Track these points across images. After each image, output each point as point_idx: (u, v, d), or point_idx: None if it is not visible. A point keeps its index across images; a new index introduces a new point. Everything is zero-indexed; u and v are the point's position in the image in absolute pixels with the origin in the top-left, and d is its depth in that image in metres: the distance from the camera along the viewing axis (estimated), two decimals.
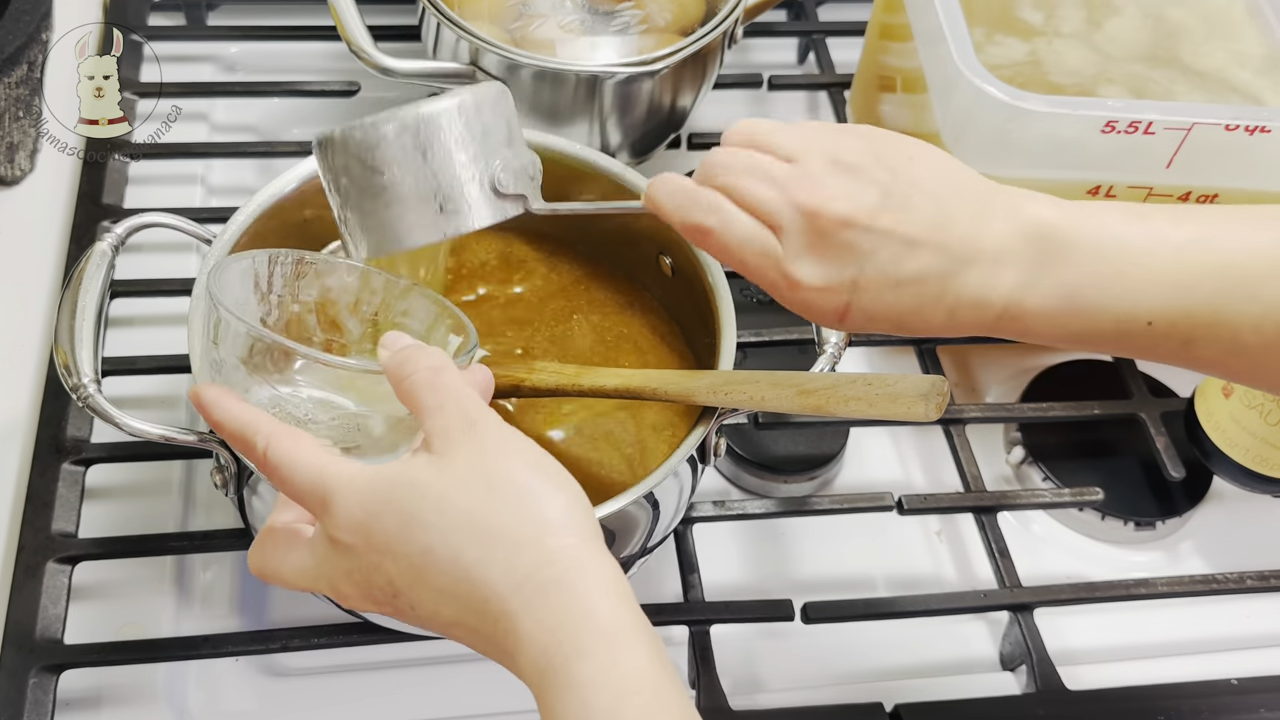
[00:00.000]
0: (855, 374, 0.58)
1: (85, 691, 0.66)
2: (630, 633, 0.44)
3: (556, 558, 0.44)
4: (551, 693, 0.43)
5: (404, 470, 0.46)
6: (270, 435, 0.48)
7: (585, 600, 0.43)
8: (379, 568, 0.46)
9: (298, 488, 0.47)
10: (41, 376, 0.75)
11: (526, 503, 0.45)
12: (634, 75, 0.82)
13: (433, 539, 0.44)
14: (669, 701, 0.43)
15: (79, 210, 0.83)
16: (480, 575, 0.44)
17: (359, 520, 0.46)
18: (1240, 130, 0.70)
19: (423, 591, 0.45)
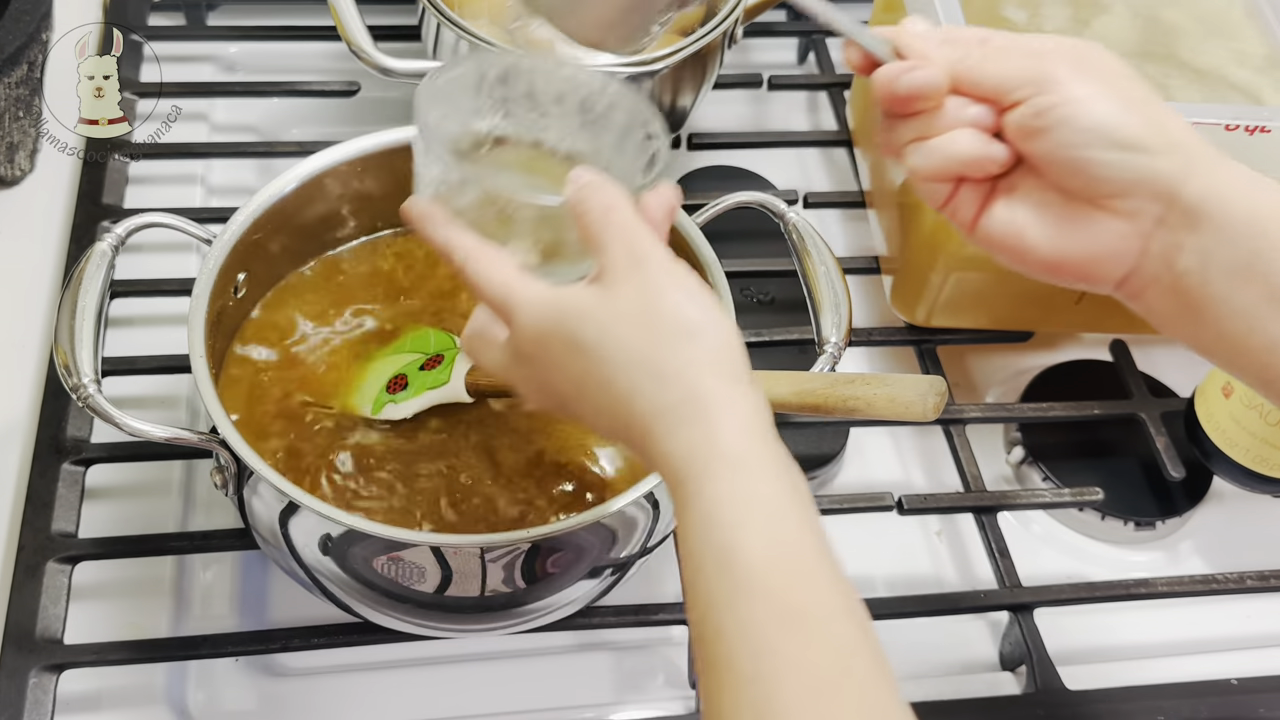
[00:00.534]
0: (854, 374, 0.58)
1: (85, 691, 0.66)
2: (759, 464, 0.47)
3: (697, 394, 0.47)
4: (681, 506, 0.47)
5: (574, 298, 0.50)
6: (468, 252, 0.53)
7: (718, 434, 0.47)
8: (548, 381, 0.51)
9: (488, 300, 0.52)
10: (41, 376, 0.75)
11: (676, 339, 0.48)
12: (634, 75, 0.82)
13: (590, 365, 0.49)
14: (791, 520, 0.46)
15: (79, 210, 0.83)
16: (627, 401, 0.48)
17: (533, 337, 0.51)
18: (1240, 130, 0.70)
19: (583, 406, 0.51)
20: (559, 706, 0.69)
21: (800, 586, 0.45)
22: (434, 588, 0.60)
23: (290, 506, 0.58)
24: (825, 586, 0.45)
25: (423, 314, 0.72)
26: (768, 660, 0.43)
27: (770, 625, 0.44)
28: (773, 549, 0.45)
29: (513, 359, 0.53)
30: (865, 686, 0.44)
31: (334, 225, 0.73)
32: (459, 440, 0.67)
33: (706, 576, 0.45)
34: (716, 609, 0.45)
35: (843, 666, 0.44)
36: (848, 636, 0.44)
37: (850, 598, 0.45)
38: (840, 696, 0.43)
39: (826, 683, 0.43)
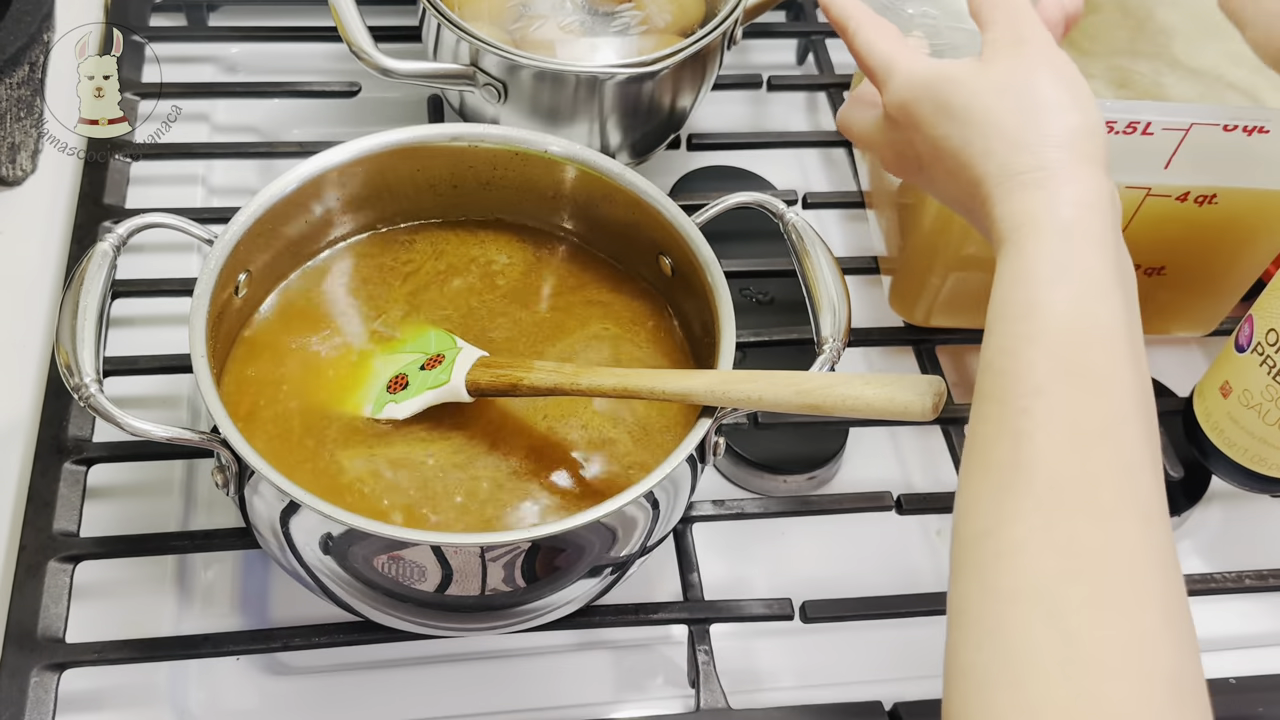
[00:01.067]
0: (853, 374, 0.58)
1: (87, 690, 0.66)
2: (1089, 238, 0.48)
3: (1046, 165, 0.50)
4: (1004, 260, 0.49)
5: (950, 68, 0.54)
6: (860, 22, 0.58)
7: (1056, 202, 0.49)
8: (911, 143, 0.56)
9: (870, 66, 0.57)
10: (43, 376, 0.75)
11: (1039, 113, 0.51)
12: (634, 76, 0.82)
13: (952, 128, 0.53)
14: (1105, 295, 0.47)
15: (80, 211, 0.83)
16: (978, 163, 0.51)
17: (904, 100, 0.55)
18: (1239, 131, 0.71)
19: (937, 169, 0.55)
20: (559, 706, 0.69)
21: (1093, 351, 0.46)
22: (434, 587, 0.60)
23: (291, 506, 0.58)
24: (1119, 359, 0.46)
25: (423, 313, 0.72)
26: (1040, 402, 0.45)
27: (1052, 374, 0.45)
28: (1077, 312, 0.47)
29: (881, 123, 0.58)
30: (1123, 452, 0.45)
31: (335, 225, 0.73)
32: (459, 440, 0.67)
33: (1006, 322, 0.48)
34: (1005, 352, 0.47)
35: (1109, 428, 0.45)
36: (1124, 407, 0.45)
37: (1140, 376, 0.47)
38: (1096, 453, 0.44)
39: (1088, 436, 0.44)
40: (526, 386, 0.64)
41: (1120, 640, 0.42)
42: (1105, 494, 0.44)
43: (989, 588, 0.44)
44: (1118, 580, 0.43)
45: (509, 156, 0.73)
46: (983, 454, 0.46)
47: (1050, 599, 0.42)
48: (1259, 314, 0.70)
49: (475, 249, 0.76)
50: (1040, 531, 0.43)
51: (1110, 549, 0.43)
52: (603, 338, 0.72)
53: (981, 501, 0.45)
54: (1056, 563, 0.43)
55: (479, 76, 0.82)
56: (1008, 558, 0.44)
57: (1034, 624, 0.42)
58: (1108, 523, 0.43)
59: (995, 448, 0.46)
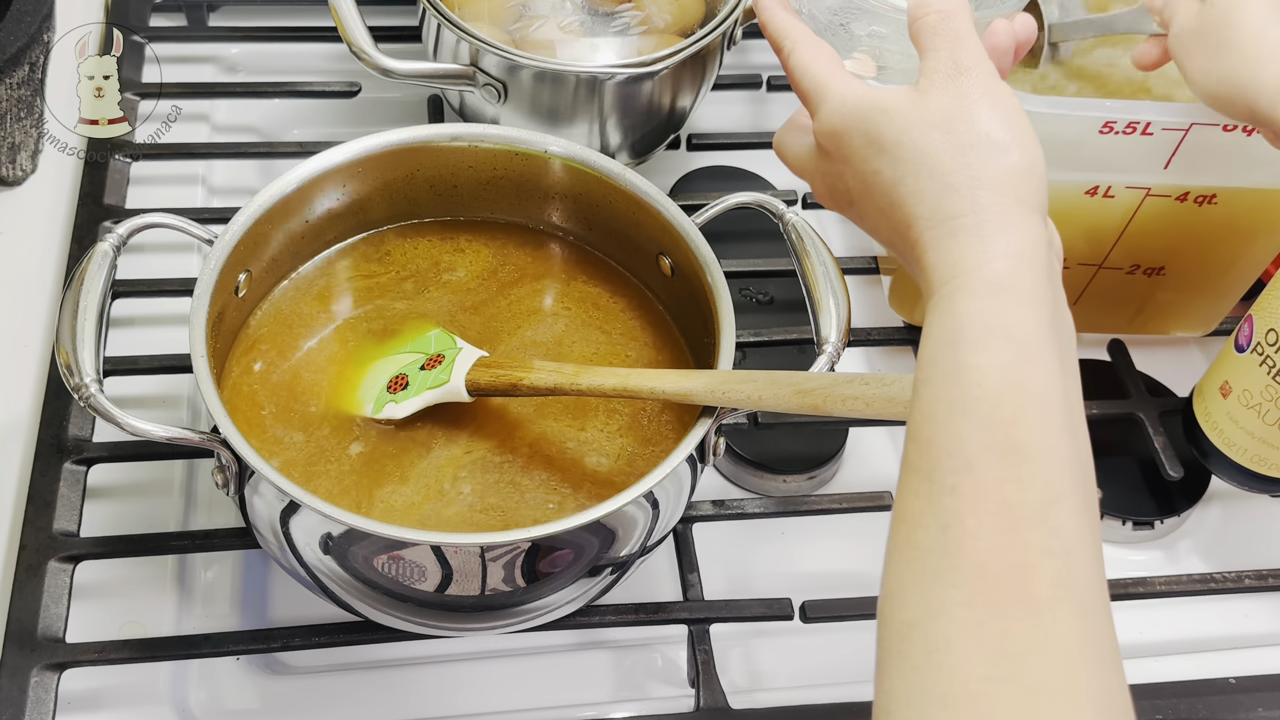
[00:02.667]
0: (853, 374, 0.58)
1: (87, 690, 0.66)
2: (1023, 294, 0.45)
3: (979, 209, 0.47)
4: (934, 315, 0.46)
5: (884, 97, 0.51)
6: (796, 42, 0.55)
7: (988, 253, 0.46)
8: (841, 176, 0.53)
9: (803, 89, 0.54)
10: (43, 376, 0.75)
11: (974, 152, 0.48)
12: (634, 76, 0.82)
13: (883, 164, 0.50)
14: (1039, 357, 0.44)
15: (81, 211, 0.83)
16: (909, 204, 0.49)
17: (834, 129, 0.52)
18: (1238, 131, 0.71)
19: (867, 205, 0.52)
20: (559, 705, 0.69)
21: (1025, 422, 0.43)
22: (434, 587, 0.60)
23: (291, 505, 0.58)
24: (1054, 430, 0.43)
25: (423, 314, 0.72)
26: (968, 480, 0.42)
27: (981, 449, 0.43)
28: (1008, 380, 0.44)
29: (812, 152, 0.55)
30: (1059, 535, 0.42)
31: (335, 225, 0.73)
32: (459, 440, 0.67)
33: (933, 387, 0.45)
34: (933, 420, 0.44)
35: (1042, 508, 0.42)
36: (1059, 484, 0.43)
37: (1078, 446, 0.44)
38: (1029, 536, 0.41)
39: (1019, 518, 0.42)
40: (526, 386, 0.64)
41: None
42: (1039, 584, 0.41)
43: (917, 689, 0.41)
44: (1051, 681, 0.40)
45: (509, 156, 0.73)
46: (909, 534, 0.44)
47: (980, 705, 0.40)
48: (1259, 314, 0.70)
49: (475, 249, 0.76)
50: (970, 629, 0.41)
51: (1044, 646, 0.40)
52: (602, 338, 0.72)
53: (908, 589, 0.43)
54: (986, 665, 0.40)
55: (479, 76, 0.82)
56: (936, 655, 0.41)
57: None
58: (1041, 616, 0.41)
59: (921, 528, 0.43)
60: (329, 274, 0.73)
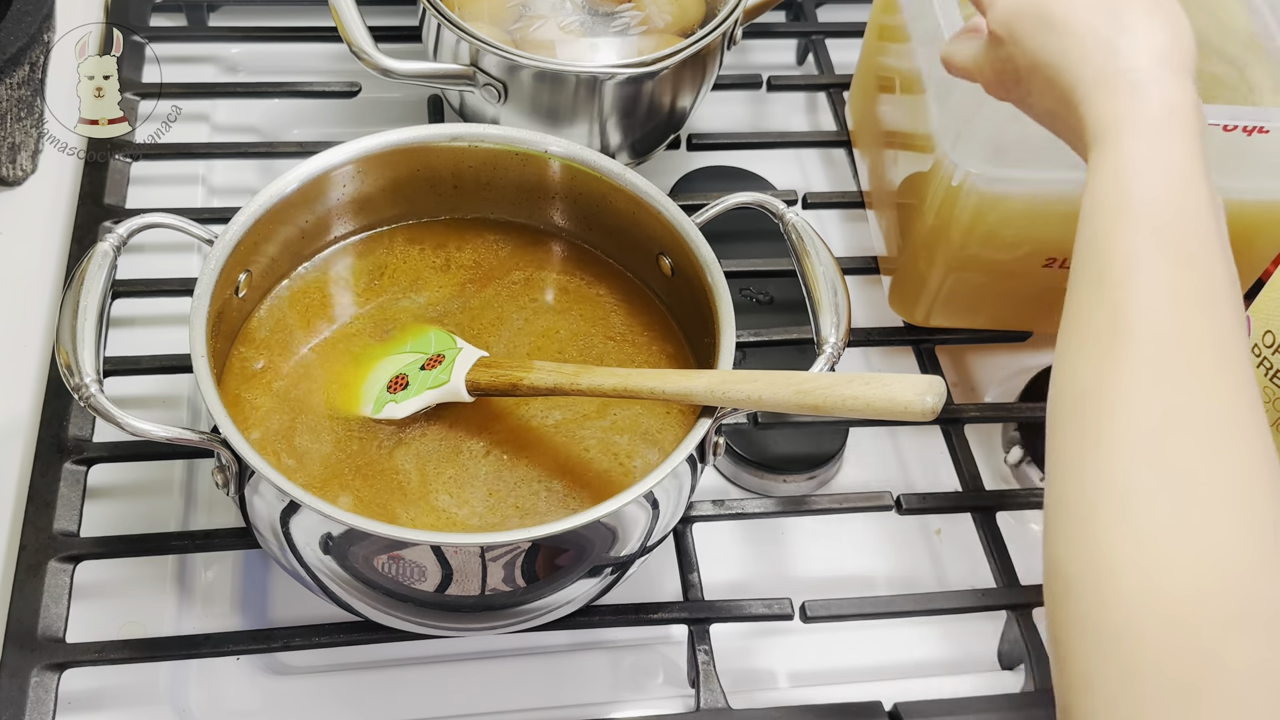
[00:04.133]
0: (853, 374, 0.58)
1: (87, 690, 0.66)
2: (1175, 132, 0.51)
3: (1138, 68, 0.52)
4: (1098, 158, 0.52)
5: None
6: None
7: (1145, 103, 0.52)
8: (1011, 58, 0.58)
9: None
10: (43, 376, 0.75)
11: (1134, 24, 0.54)
12: (634, 76, 0.82)
13: (1051, 38, 0.56)
14: (1197, 187, 0.50)
15: (81, 211, 0.83)
16: (1075, 69, 0.54)
17: (1008, 17, 0.58)
18: (1238, 131, 0.71)
19: (1035, 80, 0.57)
20: (559, 705, 0.69)
21: (1188, 233, 0.48)
22: (434, 587, 0.60)
23: (291, 505, 0.58)
24: (1212, 244, 0.48)
25: (424, 314, 0.72)
26: (1139, 274, 0.47)
27: (1149, 249, 0.48)
28: (1171, 199, 0.49)
29: (985, 45, 0.61)
30: (1221, 323, 0.47)
31: (335, 225, 0.73)
32: (459, 439, 0.67)
33: (1100, 212, 0.50)
34: (1100, 236, 0.50)
35: (1206, 299, 0.47)
36: (1220, 283, 0.48)
37: (1229, 267, 0.49)
38: (1194, 319, 0.47)
39: (1186, 303, 0.47)
40: (526, 386, 0.65)
41: (1226, 486, 0.44)
42: (1205, 357, 0.46)
43: (1090, 438, 0.46)
44: (1222, 432, 0.45)
45: (509, 156, 0.73)
46: (1081, 326, 0.49)
47: (1156, 446, 0.44)
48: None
49: (475, 249, 0.76)
50: (1145, 386, 0.45)
51: (1213, 404, 0.45)
52: (602, 337, 0.72)
53: (1081, 368, 0.48)
54: (1161, 413, 0.45)
55: (479, 76, 0.82)
56: (1110, 411, 0.46)
57: (1138, 467, 0.44)
58: (1209, 381, 0.45)
59: (1094, 318, 0.48)
60: (329, 274, 0.73)
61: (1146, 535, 0.43)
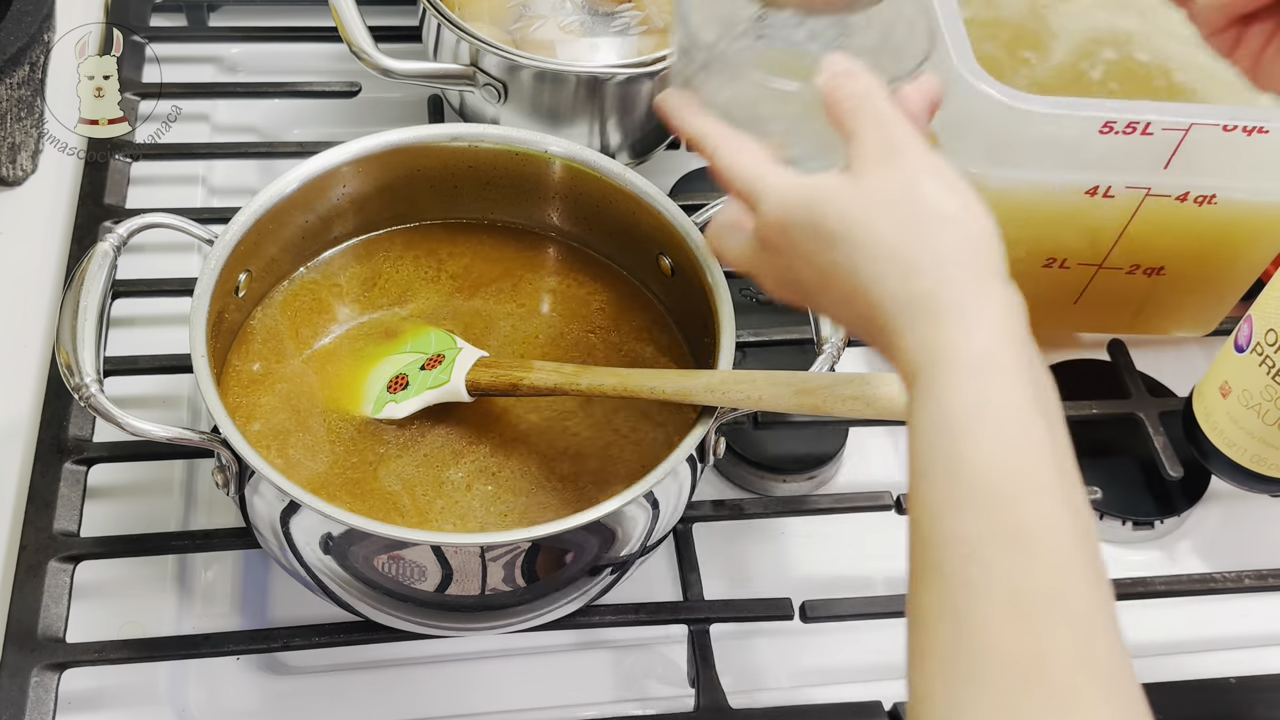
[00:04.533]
0: (853, 374, 0.58)
1: (87, 690, 0.66)
2: (1004, 369, 0.45)
3: (947, 286, 0.46)
4: (915, 404, 0.46)
5: (823, 185, 0.49)
6: (719, 141, 0.53)
7: (963, 333, 0.45)
8: (792, 268, 0.51)
9: (737, 188, 0.52)
10: (44, 376, 0.75)
11: (929, 228, 0.47)
12: (634, 76, 0.82)
13: (837, 254, 0.48)
14: (1029, 431, 0.44)
15: (81, 211, 0.83)
16: (873, 291, 0.47)
17: (779, 224, 0.50)
18: (1238, 131, 0.71)
19: (827, 295, 0.50)
20: (559, 705, 0.69)
21: (1025, 502, 0.43)
22: (434, 586, 0.60)
23: (291, 505, 0.58)
24: (1053, 505, 0.43)
25: (424, 314, 0.72)
26: (977, 571, 0.42)
27: (986, 538, 0.42)
28: (1003, 460, 0.43)
29: (757, 248, 0.53)
30: (1073, 616, 0.41)
31: (335, 225, 0.73)
32: (459, 439, 0.67)
33: (930, 481, 0.44)
34: (934, 514, 0.43)
35: (1053, 590, 0.41)
36: (1067, 560, 0.42)
37: (1080, 518, 0.43)
38: (1044, 620, 0.41)
39: (1032, 605, 0.41)
40: (526, 386, 0.65)
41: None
42: (1061, 670, 0.40)
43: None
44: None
45: (509, 156, 0.73)
46: (928, 638, 0.43)
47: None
48: (1258, 314, 0.70)
49: (475, 249, 0.76)
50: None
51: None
52: (602, 337, 0.72)
53: (935, 692, 0.42)
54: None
55: (479, 76, 0.82)
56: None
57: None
58: (1068, 702, 0.40)
59: (938, 630, 0.42)
60: (329, 274, 0.73)
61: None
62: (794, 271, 0.51)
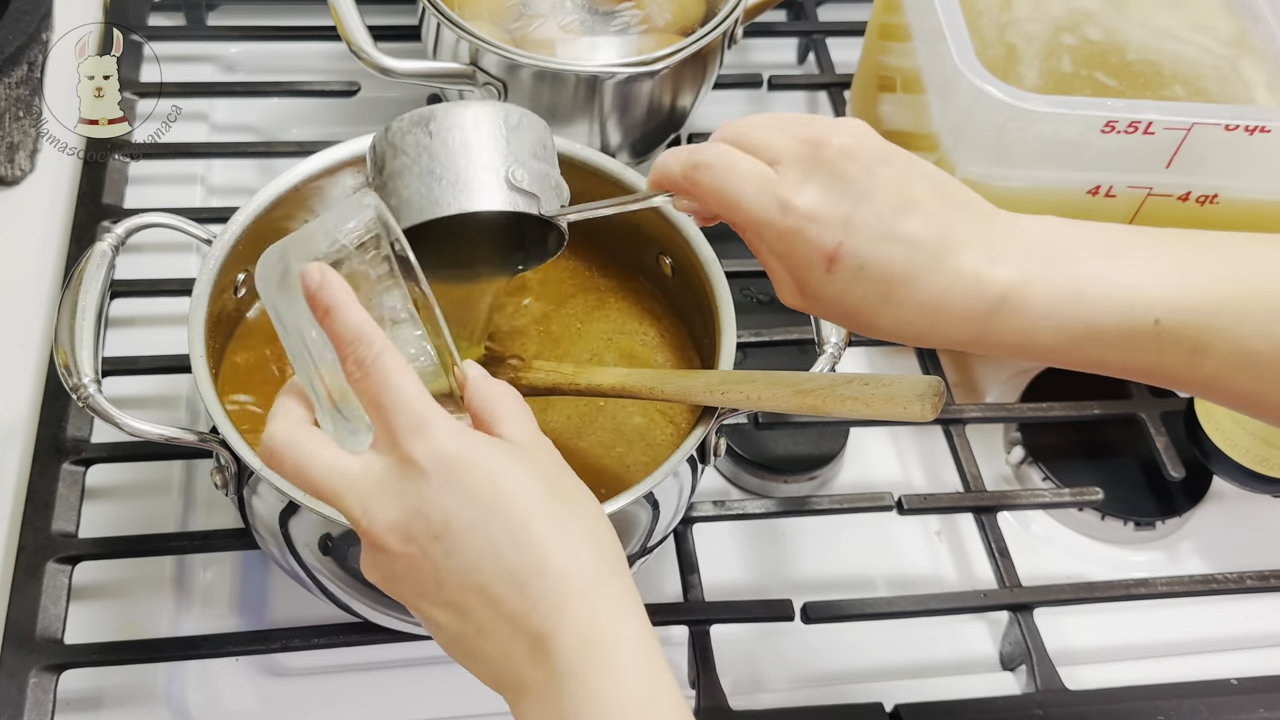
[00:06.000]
0: (853, 374, 0.58)
1: (85, 691, 0.66)
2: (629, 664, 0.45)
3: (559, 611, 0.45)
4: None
5: (503, 452, 0.47)
6: (385, 347, 0.46)
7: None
8: (439, 504, 0.45)
9: (407, 399, 0.46)
10: (42, 376, 0.75)
11: (544, 550, 0.46)
12: (634, 75, 0.82)
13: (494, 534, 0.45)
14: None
15: (79, 210, 0.83)
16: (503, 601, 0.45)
17: (453, 455, 0.45)
18: (1240, 130, 0.70)
19: (462, 555, 0.45)
20: None
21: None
22: None
23: (290, 506, 0.58)
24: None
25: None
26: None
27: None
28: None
29: (386, 469, 0.46)
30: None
31: None
32: None
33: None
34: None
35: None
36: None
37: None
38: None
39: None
40: (525, 385, 0.64)
41: None
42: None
43: None
44: None
45: None
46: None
47: None
48: None
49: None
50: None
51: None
52: (603, 337, 0.72)
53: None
54: None
55: (479, 76, 0.81)
56: None
57: None
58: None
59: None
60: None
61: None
62: (440, 508, 0.45)
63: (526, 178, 0.57)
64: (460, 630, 0.46)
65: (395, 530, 0.45)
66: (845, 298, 0.51)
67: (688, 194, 0.54)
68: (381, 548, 0.46)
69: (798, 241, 0.51)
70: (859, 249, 0.50)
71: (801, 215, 0.50)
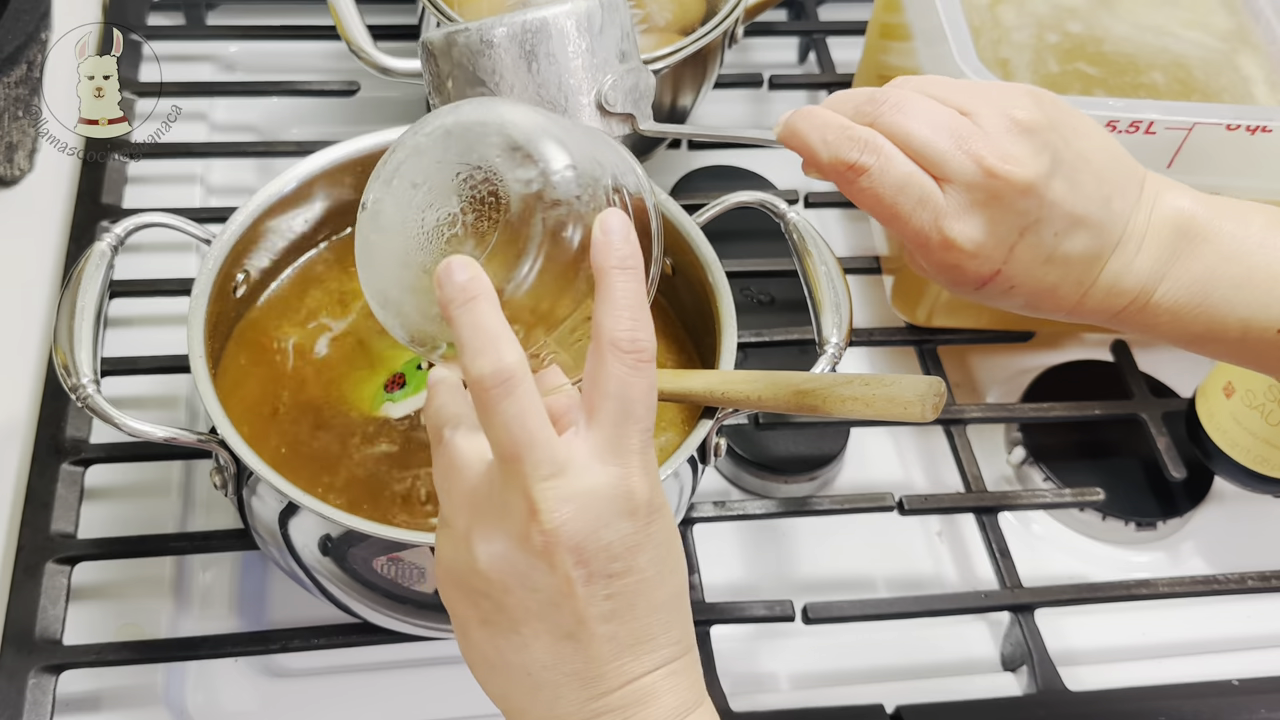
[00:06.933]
0: (853, 374, 0.58)
1: (84, 692, 0.66)
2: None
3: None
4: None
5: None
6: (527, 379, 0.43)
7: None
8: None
9: (547, 438, 0.42)
10: (41, 377, 0.75)
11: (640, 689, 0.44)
12: None
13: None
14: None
15: (78, 210, 0.83)
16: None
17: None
18: (1241, 130, 0.70)
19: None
20: None
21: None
22: (433, 588, 0.60)
23: (289, 507, 0.58)
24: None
25: None
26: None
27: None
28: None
29: (507, 508, 0.44)
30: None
31: (333, 224, 0.73)
32: None
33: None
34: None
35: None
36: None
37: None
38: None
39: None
40: None
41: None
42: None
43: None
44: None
45: None
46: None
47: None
48: None
49: None
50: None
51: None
52: None
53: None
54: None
55: None
56: None
57: None
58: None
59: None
60: (327, 273, 0.73)
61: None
62: (560, 568, 0.42)
63: (617, 98, 0.52)
64: (523, 664, 0.44)
65: (574, 541, 0.41)
66: (987, 302, 0.54)
67: (833, 182, 0.52)
68: (537, 549, 0.42)
69: (954, 270, 0.52)
70: (1014, 275, 0.51)
71: (964, 254, 0.50)
